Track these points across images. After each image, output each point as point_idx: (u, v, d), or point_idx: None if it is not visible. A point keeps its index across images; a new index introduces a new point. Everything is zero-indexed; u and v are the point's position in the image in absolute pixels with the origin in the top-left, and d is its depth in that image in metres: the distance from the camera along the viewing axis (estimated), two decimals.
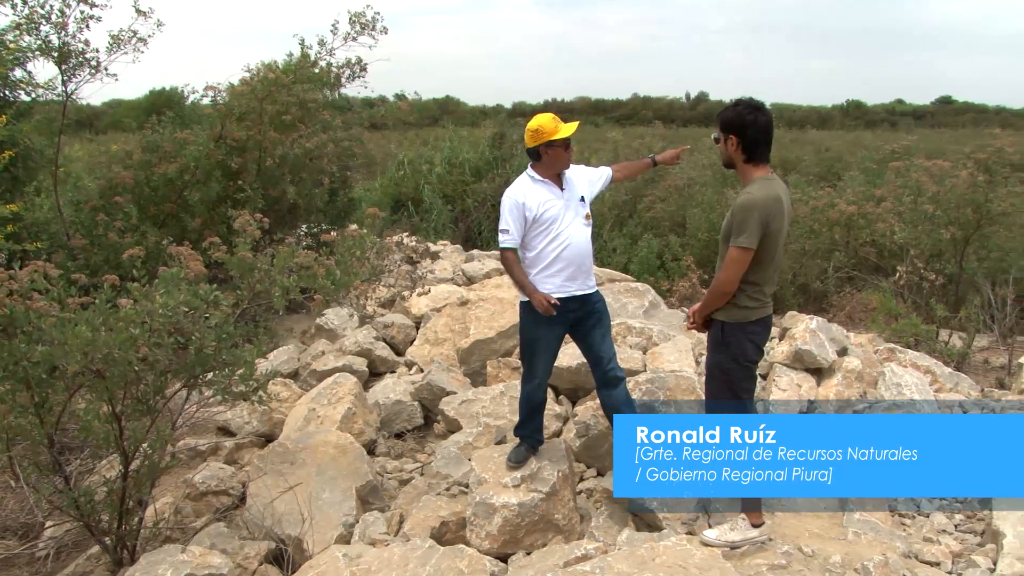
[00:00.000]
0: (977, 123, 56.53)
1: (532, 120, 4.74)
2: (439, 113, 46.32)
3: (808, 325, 6.63)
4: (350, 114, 10.82)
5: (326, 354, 7.82)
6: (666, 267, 13.03)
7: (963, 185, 11.30)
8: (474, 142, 18.95)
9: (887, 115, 71.70)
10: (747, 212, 3.99)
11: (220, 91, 9.46)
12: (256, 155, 9.04)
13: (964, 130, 48.80)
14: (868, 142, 26.55)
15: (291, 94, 9.08)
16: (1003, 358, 9.07)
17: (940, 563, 4.42)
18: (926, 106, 79.48)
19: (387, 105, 12.36)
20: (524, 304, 4.81)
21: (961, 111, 72.55)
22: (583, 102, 78.25)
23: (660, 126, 24.73)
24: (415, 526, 5.04)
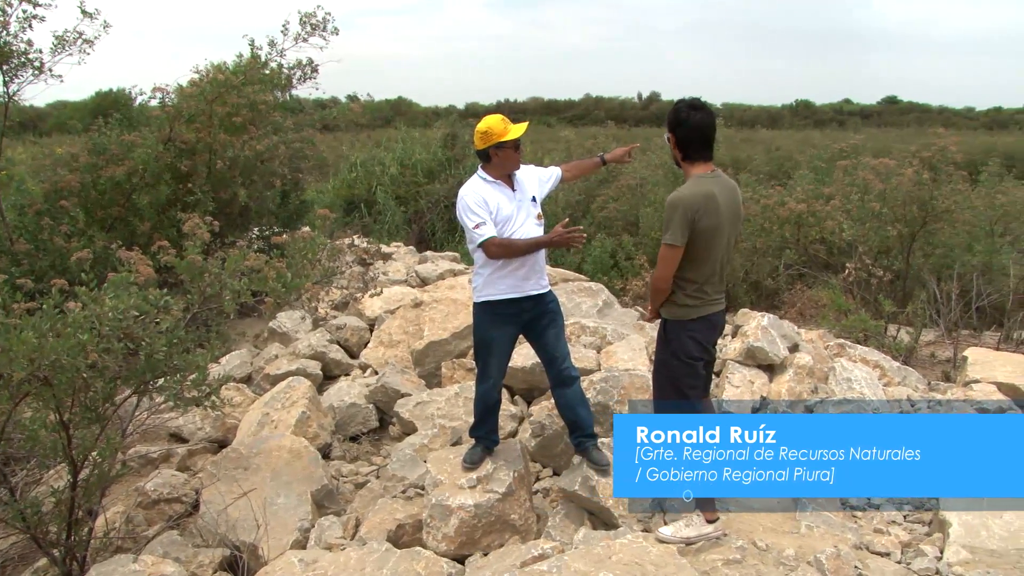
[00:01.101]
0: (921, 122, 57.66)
1: (481, 122, 4.73)
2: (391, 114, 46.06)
3: (760, 322, 6.72)
4: (302, 115, 10.73)
5: (279, 358, 7.76)
6: (619, 266, 13.09)
7: (908, 183, 11.53)
8: (427, 143, 18.88)
9: (835, 115, 72.83)
10: (672, 210, 4.06)
11: (168, 93, 9.32)
12: (206, 157, 8.93)
13: (909, 129, 49.74)
14: (817, 141, 26.93)
15: (241, 95, 8.98)
16: (949, 351, 9.27)
17: (890, 553, 4.51)
18: (872, 106, 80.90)
19: (339, 106, 12.27)
20: (477, 305, 4.81)
21: (906, 111, 73.97)
22: (536, 102, 78.36)
23: (612, 126, 24.86)
24: (371, 529, 5.02)
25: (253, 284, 5.09)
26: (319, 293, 8.76)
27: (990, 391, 6.57)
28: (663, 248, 4.12)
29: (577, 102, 77.53)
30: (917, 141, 15.83)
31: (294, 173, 10.51)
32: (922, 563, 4.36)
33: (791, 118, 68.18)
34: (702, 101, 4.25)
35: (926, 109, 74.06)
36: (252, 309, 8.58)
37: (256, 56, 9.47)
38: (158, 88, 9.29)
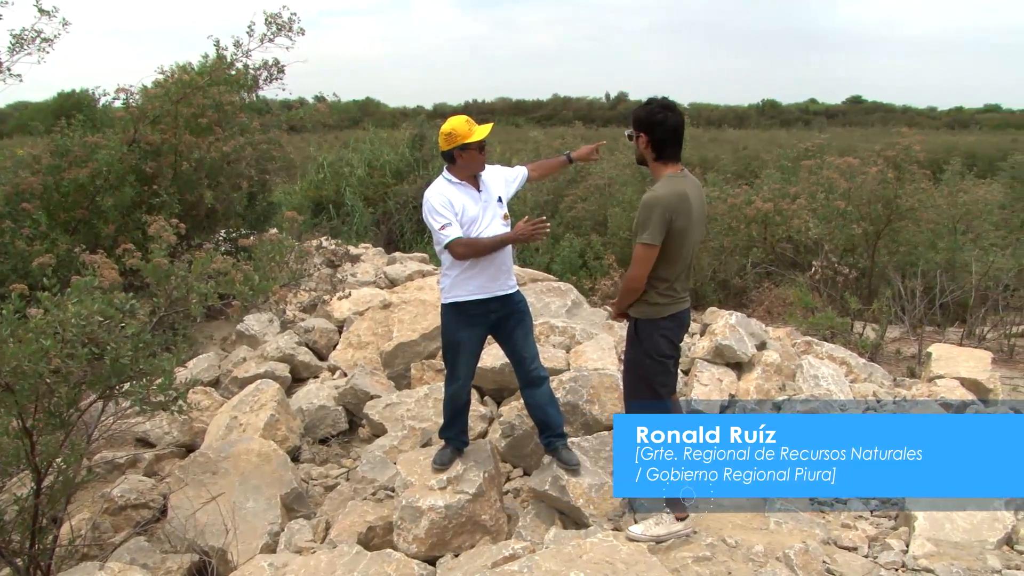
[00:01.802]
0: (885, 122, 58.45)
1: (445, 123, 4.72)
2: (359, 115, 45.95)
3: (728, 320, 6.77)
4: (268, 116, 10.66)
5: (247, 361, 7.70)
6: (588, 266, 13.15)
7: (873, 182, 11.70)
8: (395, 144, 18.84)
9: (801, 114, 73.55)
10: (650, 209, 4.06)
11: (133, 93, 9.21)
12: (171, 159, 8.84)
13: (873, 128, 50.38)
14: (783, 140, 27.18)
15: (207, 96, 8.90)
16: (914, 348, 9.40)
17: (857, 547, 4.55)
18: (838, 105, 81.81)
19: (306, 107, 12.19)
20: (445, 306, 4.81)
21: (871, 110, 74.90)
22: (504, 103, 78.43)
23: (580, 126, 24.88)
24: (342, 532, 5.00)
25: (220, 287, 5.06)
26: (287, 295, 8.72)
27: (953, 386, 6.66)
28: (640, 248, 4.13)
29: (545, 102, 77.70)
30: (881, 140, 16.06)
31: (261, 174, 10.44)
32: (888, 556, 4.42)
33: (757, 118, 68.80)
34: (672, 101, 4.28)
35: (890, 109, 75.07)
36: (219, 312, 8.53)
37: (222, 57, 9.39)
38: (122, 89, 9.19)
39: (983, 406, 6.46)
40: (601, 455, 5.22)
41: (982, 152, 32.26)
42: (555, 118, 57.75)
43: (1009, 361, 9.58)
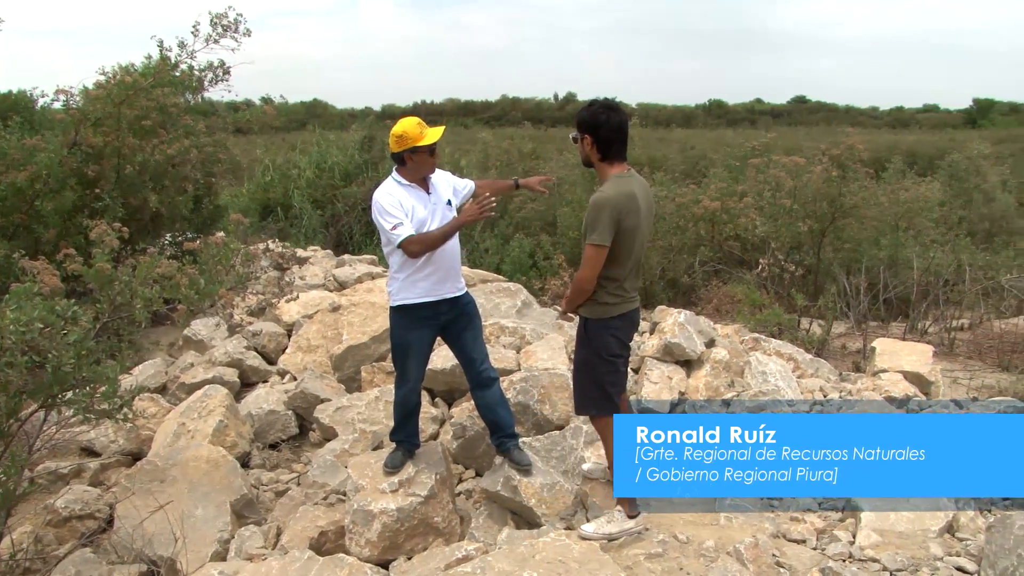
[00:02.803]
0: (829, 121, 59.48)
1: (397, 125, 4.69)
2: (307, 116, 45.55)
3: (676, 319, 6.84)
4: (214, 118, 10.52)
5: (195, 366, 7.60)
6: (538, 266, 13.18)
7: (818, 180, 11.89)
8: (343, 146, 18.70)
9: (747, 114, 74.58)
10: (599, 210, 4.09)
11: (73, 95, 9.03)
12: (114, 162, 8.68)
13: (818, 128, 51.25)
14: (730, 140, 27.52)
15: (150, 98, 8.76)
16: (859, 343, 9.59)
17: (806, 540, 4.62)
18: (783, 105, 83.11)
19: (252, 109, 12.03)
20: (394, 309, 4.79)
21: (815, 110, 76.20)
22: (452, 103, 78.33)
23: (529, 126, 24.99)
24: (293, 538, 4.96)
25: (165, 291, 4.99)
26: (234, 299, 8.60)
27: (896, 380, 6.82)
28: (589, 248, 4.15)
29: (494, 103, 77.80)
30: (826, 139, 16.35)
31: (207, 177, 10.30)
32: (836, 548, 4.50)
33: (705, 117, 69.61)
34: (615, 102, 4.31)
35: (833, 108, 76.48)
36: (165, 317, 8.38)
37: (165, 58, 9.23)
38: (61, 90, 8.99)
39: (925, 399, 6.61)
40: (552, 455, 5.25)
41: (922, 151, 32.98)
42: (504, 119, 57.88)
43: (950, 354, 9.81)
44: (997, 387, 7.96)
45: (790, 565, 4.28)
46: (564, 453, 5.29)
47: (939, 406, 6.13)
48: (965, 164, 19.81)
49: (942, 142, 35.47)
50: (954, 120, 65.61)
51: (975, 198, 18.64)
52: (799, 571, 4.21)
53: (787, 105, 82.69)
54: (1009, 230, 17.90)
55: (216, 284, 5.31)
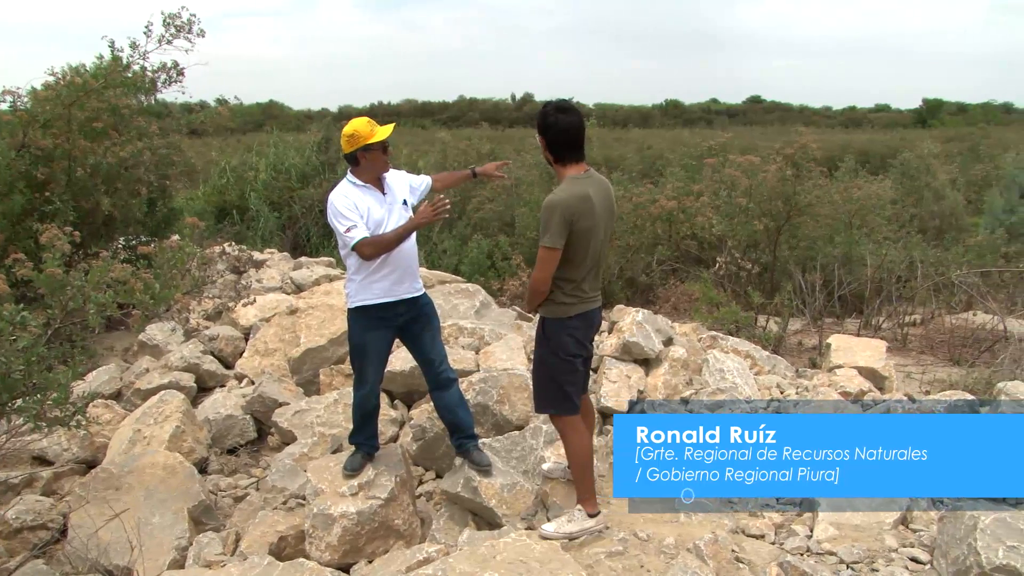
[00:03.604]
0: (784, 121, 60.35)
1: (347, 125, 4.68)
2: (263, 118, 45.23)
3: (634, 318, 6.88)
4: (168, 120, 10.37)
5: (150, 371, 7.50)
6: (496, 267, 13.19)
7: (773, 179, 12.02)
8: (300, 147, 18.57)
9: (703, 114, 75.39)
10: (550, 212, 4.09)
11: (21, 96, 8.85)
12: (65, 164, 8.53)
13: (773, 127, 51.95)
14: (686, 140, 27.80)
15: (102, 100, 8.62)
16: (814, 339, 9.72)
17: (764, 535, 4.68)
18: (738, 105, 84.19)
19: (207, 110, 11.90)
20: (352, 311, 4.77)
21: (770, 110, 77.25)
22: (410, 104, 78.30)
23: (487, 127, 25.02)
24: (252, 543, 4.92)
25: (119, 296, 4.91)
26: (190, 303, 8.51)
27: (852, 375, 6.92)
28: (542, 250, 4.15)
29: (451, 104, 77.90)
30: (780, 139, 16.54)
31: (161, 180, 10.16)
32: (794, 542, 4.56)
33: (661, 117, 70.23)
34: (569, 103, 4.30)
35: (788, 108, 77.64)
36: (120, 322, 8.26)
37: (117, 58, 9.09)
38: (8, 91, 8.82)
39: (879, 394, 6.72)
40: (512, 455, 5.26)
41: (874, 150, 33.58)
42: (461, 119, 57.96)
43: (903, 349, 9.98)
44: (948, 381, 8.10)
45: (749, 560, 4.32)
46: (524, 453, 5.30)
47: (893, 401, 6.23)
48: (916, 163, 20.16)
49: (893, 141, 36.13)
50: (905, 120, 66.94)
51: (925, 196, 18.96)
52: (758, 566, 4.26)
53: (742, 105, 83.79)
54: (958, 227, 18.25)
55: (171, 288, 5.24)
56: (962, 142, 35.15)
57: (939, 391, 6.80)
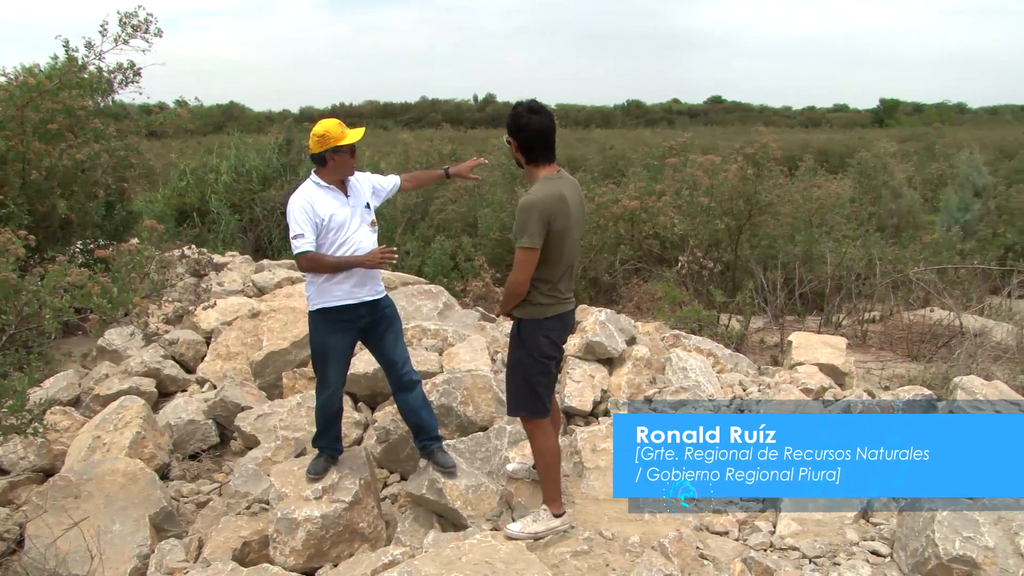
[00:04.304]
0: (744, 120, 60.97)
1: (317, 125, 4.67)
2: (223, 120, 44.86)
3: (598, 317, 6.91)
4: (126, 122, 10.23)
5: (110, 377, 7.39)
6: (459, 268, 13.16)
7: (734, 179, 12.13)
8: (261, 149, 18.39)
9: (665, 114, 75.88)
10: (527, 213, 4.09)
11: None
12: (19, 167, 8.38)
13: (733, 127, 52.45)
14: (648, 139, 27.90)
15: (57, 101, 8.48)
16: (776, 337, 9.81)
17: (728, 531, 4.72)
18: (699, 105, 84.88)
19: (166, 112, 11.74)
20: (313, 313, 4.74)
21: (730, 110, 77.99)
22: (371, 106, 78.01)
23: (449, 128, 24.99)
24: (215, 549, 4.87)
25: (76, 301, 4.84)
26: (149, 307, 8.40)
27: (812, 372, 6.99)
28: (520, 252, 4.15)
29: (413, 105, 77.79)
30: (741, 138, 16.68)
31: (119, 182, 10.02)
32: (758, 538, 4.61)
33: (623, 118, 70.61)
34: (540, 104, 4.31)
35: (748, 108, 78.43)
36: (77, 327, 8.14)
37: (72, 59, 8.95)
38: None
39: (840, 390, 6.80)
40: (477, 456, 5.26)
41: (833, 149, 34.04)
42: (424, 120, 57.83)
43: (862, 346, 10.10)
44: (907, 376, 8.21)
45: (713, 557, 4.36)
46: (488, 454, 5.30)
47: (853, 397, 6.31)
48: (873, 162, 20.43)
49: (852, 140, 36.64)
50: (862, 119, 67.95)
51: (883, 195, 19.23)
52: (722, 562, 4.30)
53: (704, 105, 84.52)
54: (915, 225, 18.52)
55: (130, 292, 5.17)
56: (918, 141, 35.73)
57: (898, 386, 6.89)
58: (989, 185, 21.60)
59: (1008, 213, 19.59)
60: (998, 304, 12.03)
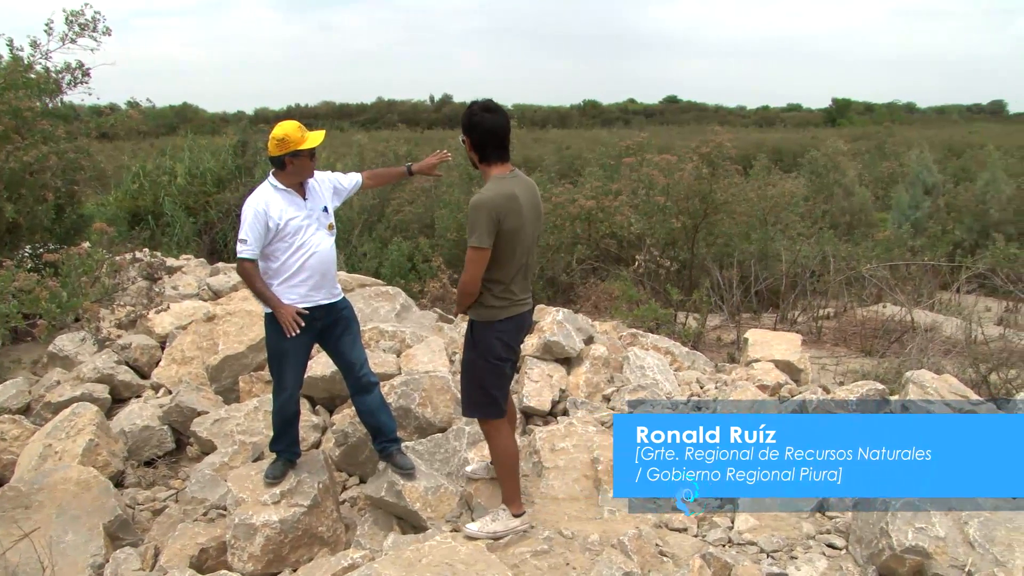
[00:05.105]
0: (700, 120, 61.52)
1: (277, 128, 4.61)
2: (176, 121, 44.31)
3: (555, 317, 6.92)
4: (76, 123, 10.05)
5: (61, 384, 7.26)
6: (417, 269, 13.14)
7: (690, 178, 12.24)
8: (216, 151, 18.18)
9: (621, 113, 76.30)
10: (477, 212, 4.08)
11: None
12: None
13: (689, 127, 52.94)
14: (605, 139, 28.06)
15: (2, 102, 8.31)
16: (732, 334, 9.92)
17: (687, 528, 4.75)
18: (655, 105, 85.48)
19: (117, 113, 11.55)
20: (269, 316, 4.70)
21: (686, 109, 78.65)
22: (327, 107, 77.52)
23: (405, 129, 24.90)
24: (172, 557, 4.81)
25: (24, 306, 4.75)
26: (101, 312, 8.25)
27: (768, 368, 7.07)
28: (470, 251, 4.13)
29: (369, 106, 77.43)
30: (696, 138, 16.84)
31: (69, 185, 9.83)
32: (716, 534, 4.65)
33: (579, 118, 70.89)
34: (495, 103, 4.30)
35: (703, 108, 79.18)
36: (27, 333, 7.98)
37: (17, 58, 8.78)
38: None
39: (796, 386, 6.88)
40: (436, 457, 5.25)
41: (786, 148, 34.48)
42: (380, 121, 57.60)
43: (817, 342, 10.25)
44: (861, 371, 8.36)
45: (673, 553, 4.39)
46: (448, 455, 5.29)
47: (807, 392, 6.39)
48: (823, 161, 20.74)
49: (805, 139, 37.12)
50: (815, 119, 68.94)
51: (836, 193, 19.53)
52: (681, 558, 4.33)
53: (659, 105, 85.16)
54: (867, 222, 18.86)
55: (80, 297, 5.09)
56: (869, 140, 36.31)
57: (852, 381, 7.00)
58: (938, 183, 22.04)
59: (956, 210, 20.01)
60: (948, 299, 12.30)
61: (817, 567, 4.24)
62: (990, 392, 7.47)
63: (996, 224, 18.19)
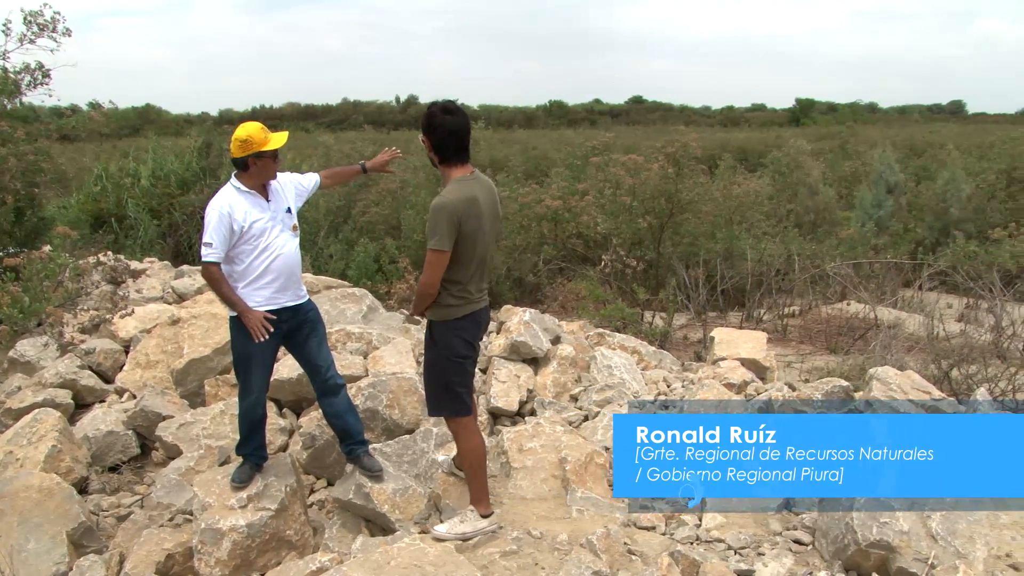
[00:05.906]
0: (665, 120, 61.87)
1: (240, 129, 4.58)
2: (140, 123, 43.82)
3: (522, 317, 6.94)
4: (36, 125, 9.91)
5: (23, 389, 7.15)
6: (383, 270, 13.11)
7: (656, 178, 12.31)
8: (180, 152, 18.01)
9: (587, 114, 76.47)
10: (437, 215, 4.09)
11: None
12: None
13: (655, 127, 53.20)
14: (571, 140, 28.13)
15: None
16: (699, 333, 9.99)
17: (655, 526, 4.78)
18: (621, 105, 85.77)
19: (79, 115, 11.40)
20: (234, 319, 4.66)
21: (652, 109, 79.01)
22: (292, 108, 76.98)
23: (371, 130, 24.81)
24: (138, 564, 4.76)
25: None
26: (63, 316, 8.15)
27: (735, 367, 7.13)
28: (430, 254, 4.14)
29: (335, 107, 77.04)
30: (662, 138, 16.95)
31: (29, 188, 9.70)
32: (684, 532, 4.69)
33: (546, 118, 70.98)
34: (455, 104, 4.30)
35: (669, 108, 79.59)
36: None
37: None
38: None
39: (762, 384, 6.95)
40: (404, 459, 5.24)
41: (751, 148, 34.73)
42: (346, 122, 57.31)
43: (783, 340, 10.36)
44: (826, 368, 8.46)
45: (641, 552, 4.42)
46: (415, 457, 5.29)
47: (773, 390, 6.45)
48: (786, 160, 20.94)
49: (769, 139, 37.45)
50: (780, 119, 69.56)
51: (800, 192, 19.72)
52: (650, 556, 4.36)
53: (625, 105, 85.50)
54: (831, 221, 19.05)
55: (42, 301, 5.03)
56: (832, 140, 36.71)
57: (817, 379, 7.08)
58: (900, 182, 22.32)
59: (918, 209, 20.29)
60: (910, 297, 12.48)
61: (784, 563, 4.29)
62: (952, 388, 7.60)
63: (956, 222, 18.46)
